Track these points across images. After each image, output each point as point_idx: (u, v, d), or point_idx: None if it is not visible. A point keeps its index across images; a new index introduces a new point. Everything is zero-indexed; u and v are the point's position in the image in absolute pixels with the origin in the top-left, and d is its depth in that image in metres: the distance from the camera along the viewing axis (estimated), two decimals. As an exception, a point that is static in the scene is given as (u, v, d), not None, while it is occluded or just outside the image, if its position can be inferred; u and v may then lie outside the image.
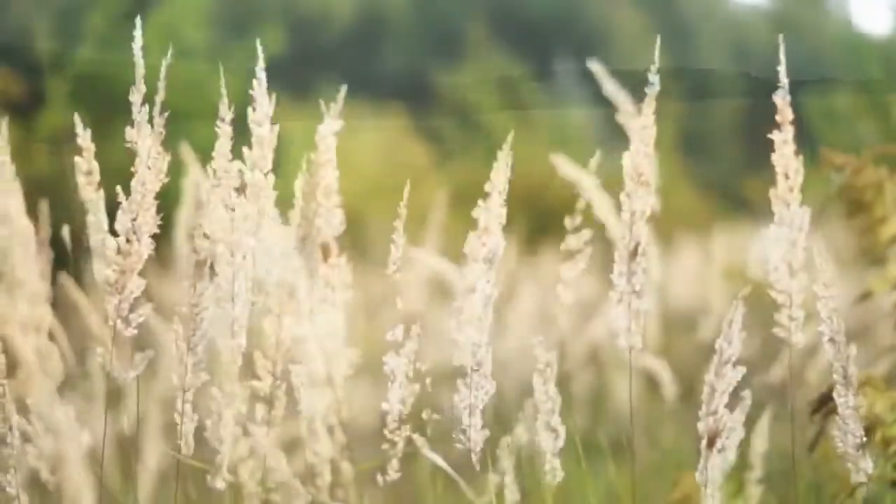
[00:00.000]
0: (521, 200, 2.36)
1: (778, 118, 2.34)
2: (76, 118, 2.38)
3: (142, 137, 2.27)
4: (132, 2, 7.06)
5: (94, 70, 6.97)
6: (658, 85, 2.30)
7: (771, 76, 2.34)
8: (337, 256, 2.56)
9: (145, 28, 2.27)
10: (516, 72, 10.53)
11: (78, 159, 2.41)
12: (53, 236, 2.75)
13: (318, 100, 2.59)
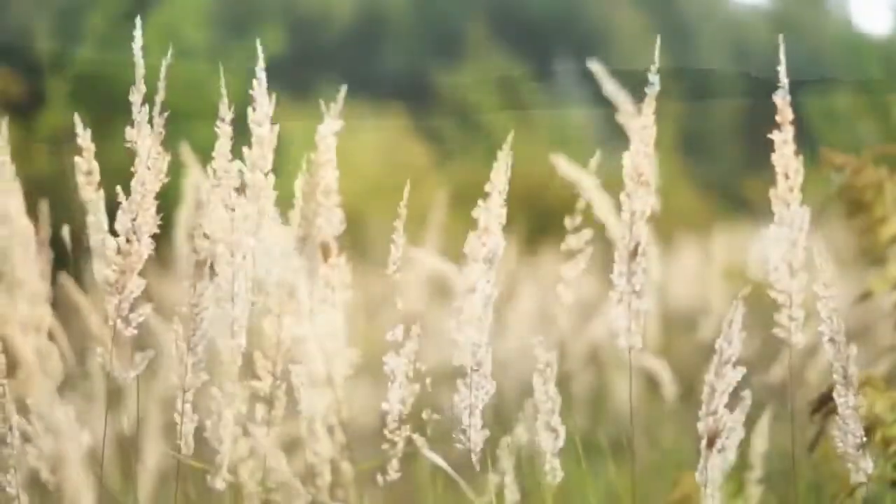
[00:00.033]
0: (521, 200, 2.36)
1: (778, 118, 2.34)
2: (76, 118, 2.38)
3: (142, 137, 2.27)
4: (132, 2, 7.05)
5: (94, 70, 6.97)
6: (658, 85, 2.30)
7: (771, 76, 2.33)
8: (337, 256, 2.56)
9: (145, 28, 2.27)
10: (516, 72, 10.52)
11: (78, 159, 2.40)
12: (53, 236, 2.75)
13: (318, 100, 2.59)
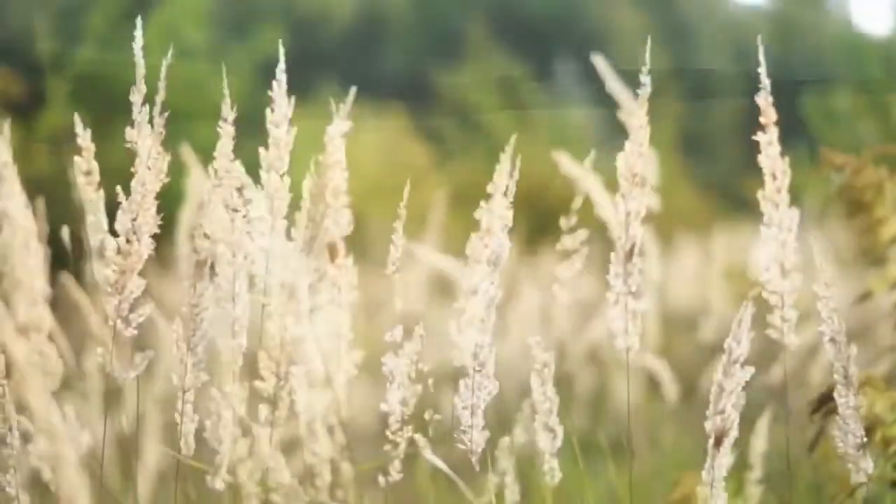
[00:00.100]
0: (521, 200, 2.36)
1: (762, 119, 2.34)
2: (76, 118, 2.38)
3: (142, 137, 2.27)
4: (132, 2, 7.05)
5: (94, 70, 6.97)
6: (650, 86, 2.30)
7: (772, 76, 2.33)
8: (344, 257, 2.56)
9: (145, 28, 2.27)
10: (516, 72, 10.53)
11: (78, 159, 2.40)
12: (54, 236, 2.75)
13: (321, 100, 2.59)
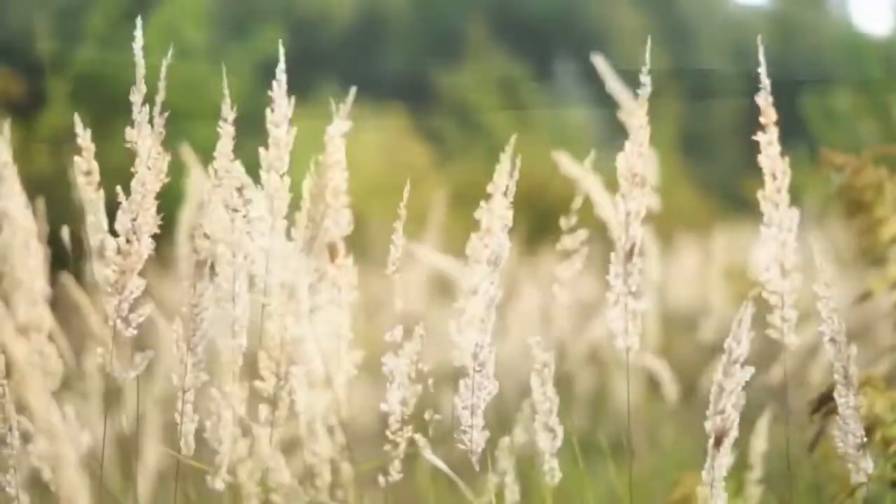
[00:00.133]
0: (521, 200, 2.36)
1: (762, 119, 2.34)
2: (76, 118, 2.38)
3: (142, 137, 2.27)
4: (132, 2, 7.05)
5: (94, 70, 6.97)
6: (650, 86, 2.30)
7: (772, 76, 2.33)
8: (344, 257, 2.55)
9: (145, 28, 2.27)
10: (516, 72, 10.53)
11: (77, 159, 2.40)
12: (54, 236, 2.75)
13: (321, 100, 2.59)
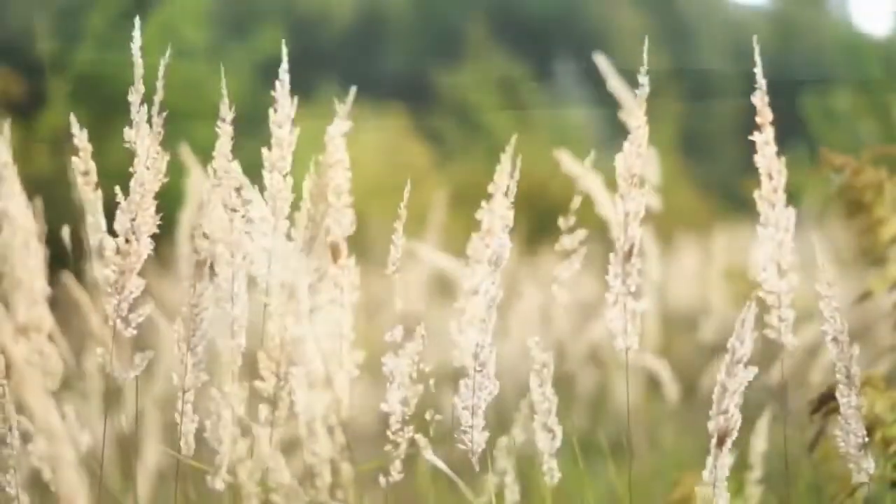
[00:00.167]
0: (522, 200, 2.36)
1: (758, 119, 2.34)
2: (72, 119, 2.38)
3: (140, 137, 2.27)
4: (132, 2, 7.04)
5: (94, 70, 6.97)
6: (648, 86, 2.30)
7: (771, 76, 2.33)
8: (347, 257, 2.55)
9: (145, 28, 2.27)
10: (516, 72, 10.52)
11: (75, 159, 2.40)
12: (54, 236, 2.75)
13: (321, 100, 2.59)
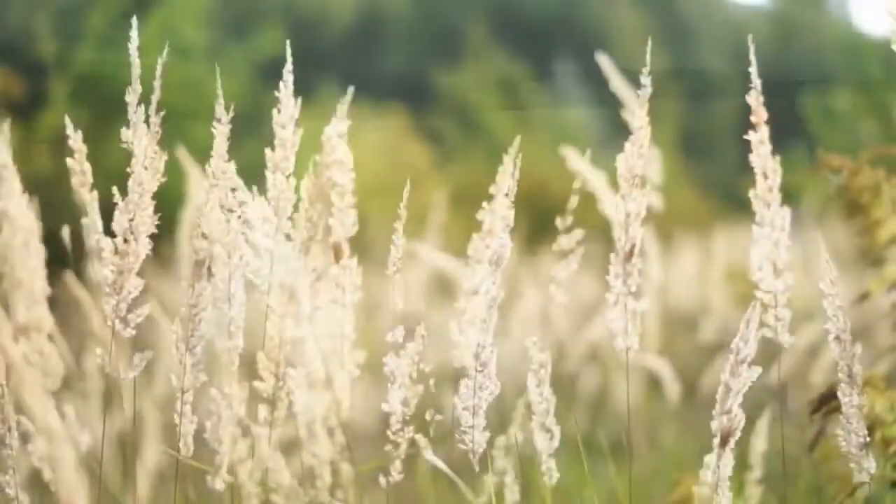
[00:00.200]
0: (522, 200, 2.36)
1: (753, 118, 2.33)
2: (66, 120, 2.38)
3: (138, 137, 2.26)
4: (132, 2, 7.04)
5: (94, 70, 6.97)
6: (650, 87, 2.29)
7: (771, 76, 2.33)
8: (349, 258, 2.53)
9: (145, 28, 2.27)
10: (516, 72, 10.52)
11: (70, 160, 2.40)
12: (54, 236, 2.75)
13: (321, 100, 2.58)
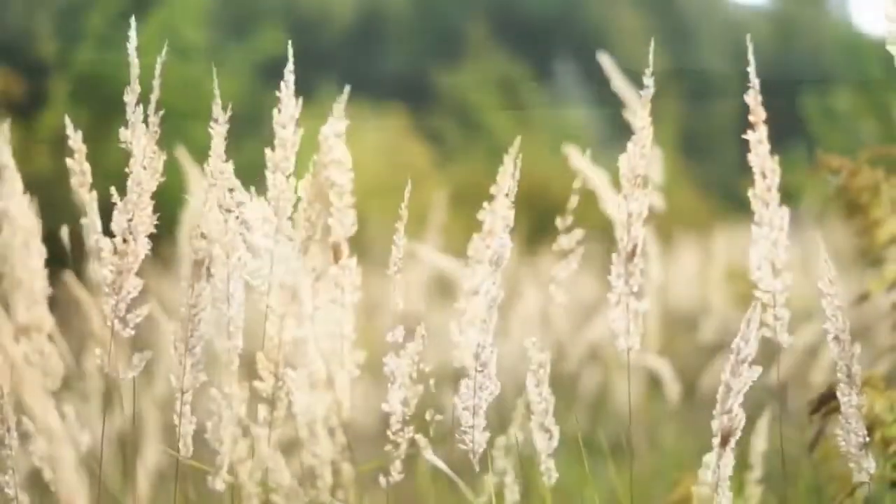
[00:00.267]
0: (522, 200, 2.35)
1: (751, 118, 2.33)
2: (66, 120, 2.38)
3: (136, 137, 2.26)
4: (131, 2, 7.04)
5: (94, 70, 6.97)
6: (653, 87, 2.29)
7: (771, 76, 2.33)
8: (348, 258, 2.53)
9: (144, 28, 2.27)
10: (516, 72, 10.52)
11: (69, 160, 2.40)
12: (54, 236, 2.75)
13: (321, 100, 2.58)
